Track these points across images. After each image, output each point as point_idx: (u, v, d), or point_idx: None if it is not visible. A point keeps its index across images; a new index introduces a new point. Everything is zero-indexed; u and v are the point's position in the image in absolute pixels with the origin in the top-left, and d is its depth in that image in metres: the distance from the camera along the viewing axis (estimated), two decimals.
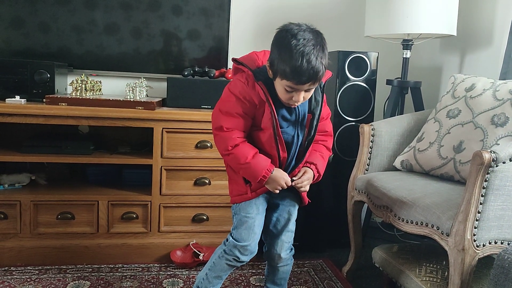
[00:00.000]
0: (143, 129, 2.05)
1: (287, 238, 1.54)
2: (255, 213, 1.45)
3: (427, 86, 2.58)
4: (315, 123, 1.41)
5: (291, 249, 1.58)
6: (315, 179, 1.46)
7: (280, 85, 1.28)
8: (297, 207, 1.54)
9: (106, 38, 2.33)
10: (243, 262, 1.48)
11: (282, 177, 1.38)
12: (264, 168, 1.35)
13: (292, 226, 1.54)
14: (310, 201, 1.53)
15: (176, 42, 2.40)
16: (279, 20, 1.34)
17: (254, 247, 1.46)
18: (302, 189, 1.43)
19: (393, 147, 2.00)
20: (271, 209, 1.52)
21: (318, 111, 1.41)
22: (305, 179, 1.43)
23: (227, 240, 1.49)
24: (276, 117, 1.32)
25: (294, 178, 1.42)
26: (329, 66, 1.29)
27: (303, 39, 1.22)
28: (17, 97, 1.94)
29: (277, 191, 1.40)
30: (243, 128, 1.36)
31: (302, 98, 1.29)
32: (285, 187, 1.40)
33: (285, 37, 1.23)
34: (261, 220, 1.48)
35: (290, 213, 1.53)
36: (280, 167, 1.40)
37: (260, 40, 2.56)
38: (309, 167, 1.44)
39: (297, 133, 1.40)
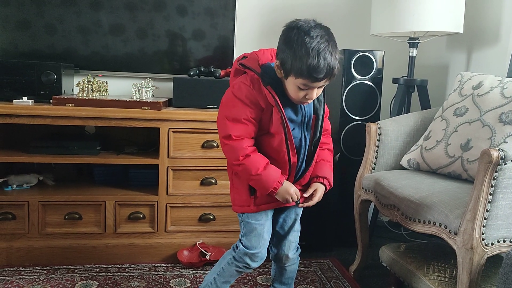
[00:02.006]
0: (149, 129, 2.06)
1: (293, 238, 1.54)
2: (264, 219, 1.44)
3: (433, 84, 2.57)
4: (320, 124, 1.39)
5: (298, 248, 1.57)
6: (326, 190, 1.45)
7: (293, 84, 1.26)
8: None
9: (111, 38, 2.34)
10: (252, 268, 1.47)
11: (288, 191, 1.36)
12: (275, 180, 1.32)
13: (298, 225, 1.54)
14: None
15: (181, 42, 2.40)
16: (284, 19, 1.33)
17: (264, 253, 1.46)
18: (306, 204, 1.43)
19: (399, 146, 1.99)
20: (277, 211, 1.51)
21: (322, 112, 1.40)
22: (316, 200, 1.42)
23: (236, 247, 1.47)
24: (287, 121, 1.30)
25: (304, 195, 1.40)
26: None
27: (316, 35, 1.20)
28: (25, 98, 1.96)
29: (289, 203, 1.37)
30: (252, 134, 1.33)
31: (315, 95, 1.28)
32: (296, 199, 1.37)
33: (297, 35, 1.21)
34: (270, 225, 1.47)
35: (297, 213, 1.53)
36: (290, 173, 1.38)
37: (265, 39, 2.55)
38: (322, 182, 1.43)
39: (304, 135, 1.38)
